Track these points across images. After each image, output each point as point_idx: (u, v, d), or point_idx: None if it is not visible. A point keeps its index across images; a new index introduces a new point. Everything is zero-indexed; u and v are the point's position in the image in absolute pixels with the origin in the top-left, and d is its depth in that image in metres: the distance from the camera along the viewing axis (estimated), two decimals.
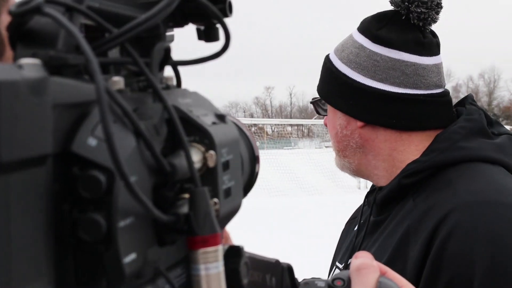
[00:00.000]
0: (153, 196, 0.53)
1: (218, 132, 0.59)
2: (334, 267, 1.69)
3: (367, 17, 1.59)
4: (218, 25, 0.65)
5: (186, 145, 0.54)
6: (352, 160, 1.58)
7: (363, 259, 0.74)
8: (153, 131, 0.52)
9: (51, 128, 0.44)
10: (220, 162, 0.59)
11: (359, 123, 1.53)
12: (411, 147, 1.51)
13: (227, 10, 0.65)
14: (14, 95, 0.40)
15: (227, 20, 0.63)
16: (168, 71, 0.65)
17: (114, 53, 0.61)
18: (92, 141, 0.47)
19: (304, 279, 0.75)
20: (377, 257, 1.32)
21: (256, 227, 12.41)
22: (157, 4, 0.57)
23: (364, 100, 1.51)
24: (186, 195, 0.55)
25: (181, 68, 0.67)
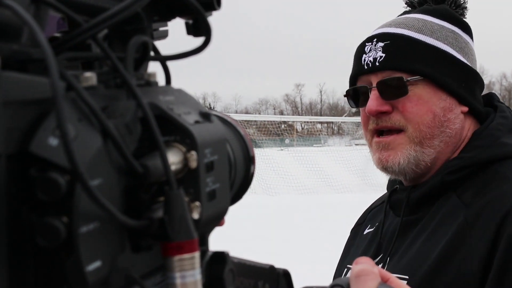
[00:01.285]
0: (125, 199, 0.49)
1: (201, 132, 0.56)
2: (345, 269, 1.65)
3: (431, 6, 1.59)
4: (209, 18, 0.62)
5: (161, 145, 0.50)
6: (433, 151, 1.47)
7: (363, 265, 0.71)
8: (125, 130, 0.49)
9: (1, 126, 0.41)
10: (202, 163, 0.55)
11: (464, 108, 1.50)
12: None
13: (214, 3, 0.62)
14: None
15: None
16: (154, 67, 0.62)
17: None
18: (53, 141, 0.44)
19: (304, 287, 0.71)
20: (424, 255, 1.37)
21: (283, 225, 12.39)
22: None
23: (473, 84, 1.51)
24: (163, 198, 0.52)
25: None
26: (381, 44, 1.49)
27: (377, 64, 1.48)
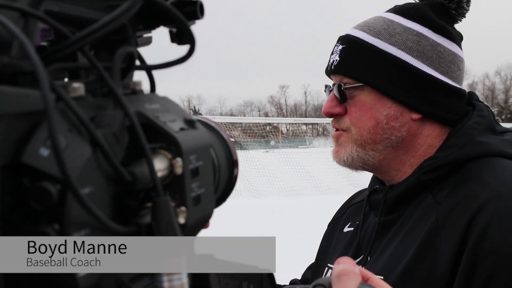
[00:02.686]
0: (114, 206, 0.51)
1: (186, 138, 0.58)
2: (326, 269, 1.64)
3: (411, 3, 1.55)
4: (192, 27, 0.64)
5: (148, 153, 0.52)
6: (378, 154, 1.49)
7: (344, 265, 0.73)
8: (112, 139, 0.50)
9: None
10: (188, 169, 0.57)
11: (415, 115, 1.47)
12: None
13: (198, 12, 0.63)
14: None
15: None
16: (138, 75, 0.64)
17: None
18: (44, 151, 0.45)
19: (285, 285, 0.73)
20: (399, 256, 1.37)
21: (269, 226, 12.40)
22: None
23: (428, 91, 1.46)
24: (150, 204, 0.54)
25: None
26: (340, 47, 1.52)
27: (332, 67, 1.52)
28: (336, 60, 1.51)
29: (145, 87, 0.64)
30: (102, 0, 0.59)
